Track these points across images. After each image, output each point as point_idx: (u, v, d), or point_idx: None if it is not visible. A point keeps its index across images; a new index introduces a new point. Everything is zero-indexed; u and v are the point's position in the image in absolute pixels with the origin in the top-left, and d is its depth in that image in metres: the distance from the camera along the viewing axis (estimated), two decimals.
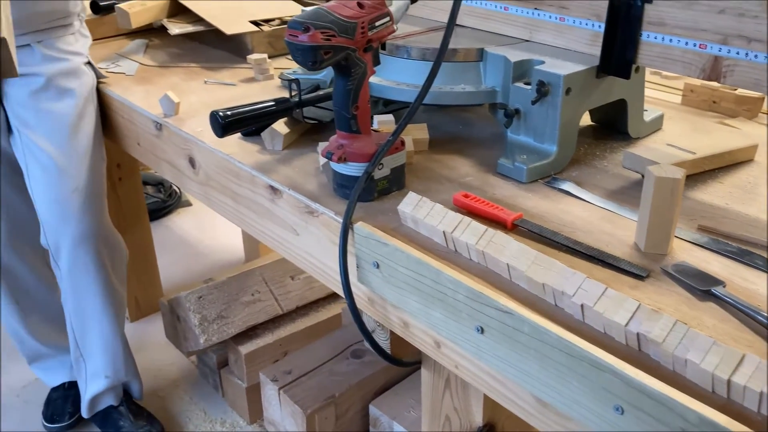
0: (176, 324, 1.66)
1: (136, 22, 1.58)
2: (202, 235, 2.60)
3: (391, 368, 1.41)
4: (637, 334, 0.61)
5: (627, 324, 0.62)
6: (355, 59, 0.84)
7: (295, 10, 1.67)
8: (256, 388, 1.58)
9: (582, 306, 0.66)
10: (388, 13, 0.86)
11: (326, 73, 1.20)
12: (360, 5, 0.83)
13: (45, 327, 1.62)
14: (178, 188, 2.80)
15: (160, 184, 2.72)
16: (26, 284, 1.54)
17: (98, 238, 1.44)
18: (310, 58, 0.80)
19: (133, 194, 1.91)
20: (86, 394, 1.58)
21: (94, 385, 1.57)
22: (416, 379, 1.40)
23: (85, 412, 1.60)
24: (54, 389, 1.73)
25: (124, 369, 1.58)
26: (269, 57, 1.47)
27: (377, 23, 0.84)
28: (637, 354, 0.63)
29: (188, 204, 2.80)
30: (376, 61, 0.89)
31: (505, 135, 1.03)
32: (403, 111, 1.20)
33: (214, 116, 1.00)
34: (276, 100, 1.06)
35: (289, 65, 1.53)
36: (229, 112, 1.01)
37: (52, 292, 1.58)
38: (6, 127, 1.38)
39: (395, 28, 0.88)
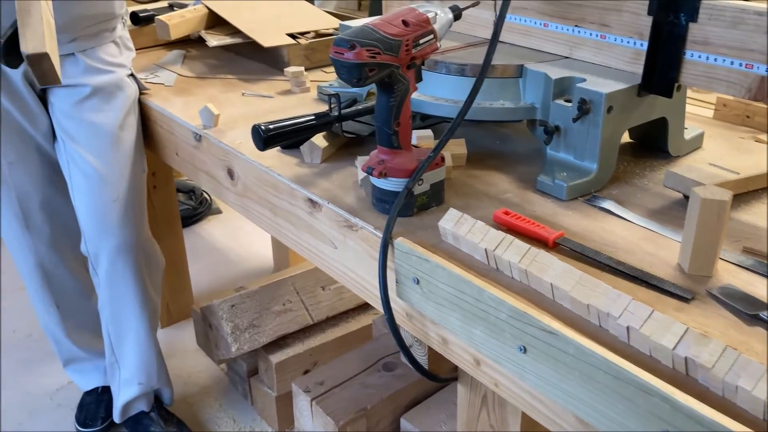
0: (208, 332, 1.68)
1: (175, 34, 1.61)
2: (232, 243, 2.63)
3: (422, 382, 1.41)
4: (685, 358, 0.61)
5: (675, 348, 0.61)
6: (398, 76, 0.85)
7: (331, 23, 1.68)
8: (285, 397, 1.59)
9: (628, 328, 0.65)
10: (432, 31, 0.86)
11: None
12: (405, 23, 0.83)
13: (82, 331, 1.65)
14: (209, 196, 2.83)
15: (191, 191, 2.76)
16: (66, 288, 1.57)
17: (137, 248, 1.46)
18: (355, 75, 0.81)
19: (167, 202, 1.94)
20: (119, 400, 1.60)
21: (127, 391, 1.59)
22: (447, 393, 1.40)
23: (117, 418, 1.63)
24: (87, 393, 1.76)
25: (156, 376, 1.60)
26: (305, 69, 1.49)
27: (421, 41, 0.85)
28: (684, 378, 0.62)
29: (218, 211, 2.83)
30: (419, 78, 0.89)
31: (543, 151, 1.03)
32: (440, 126, 1.20)
33: (256, 130, 1.02)
34: (316, 115, 1.07)
35: (324, 78, 1.55)
36: (270, 126, 1.02)
37: (90, 297, 1.61)
38: (52, 134, 1.42)
39: (438, 45, 0.88)
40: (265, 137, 1.01)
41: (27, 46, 0.98)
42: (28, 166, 1.41)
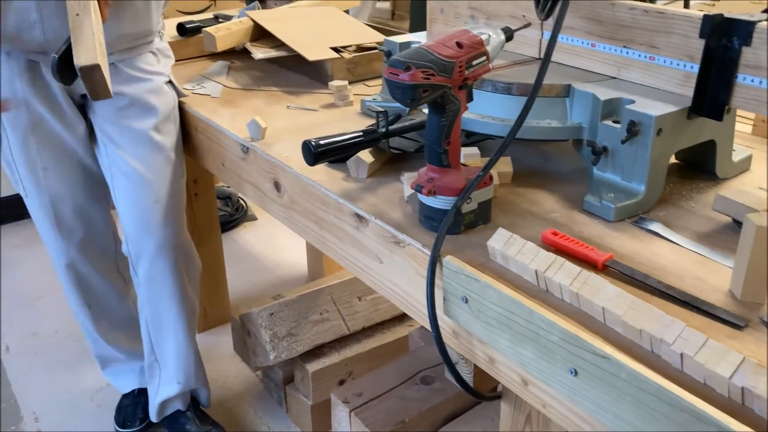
0: (246, 339, 1.71)
1: (222, 46, 1.64)
2: (267, 250, 2.66)
3: (460, 396, 1.42)
4: (742, 388, 0.61)
5: (731, 377, 0.62)
6: (450, 97, 0.86)
7: (375, 37, 1.70)
8: (320, 406, 1.61)
9: (681, 355, 0.66)
10: (485, 53, 0.87)
11: None
12: (459, 45, 0.85)
13: (115, 332, 1.69)
14: (245, 202, 2.87)
15: (228, 198, 2.80)
16: (97, 289, 1.61)
17: (177, 247, 1.51)
18: (408, 96, 0.83)
19: (207, 209, 1.98)
20: (157, 398, 1.63)
21: (166, 389, 1.62)
22: (485, 408, 1.40)
23: (154, 416, 1.66)
24: (125, 396, 1.80)
25: (194, 376, 1.63)
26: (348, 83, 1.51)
27: (474, 62, 0.86)
28: (740, 408, 0.62)
29: (254, 218, 2.87)
30: (470, 98, 0.91)
31: (590, 171, 1.03)
32: (485, 143, 1.21)
33: (306, 145, 1.04)
34: (364, 132, 1.09)
35: (366, 91, 1.57)
36: (321, 142, 1.04)
37: (124, 299, 1.65)
38: (88, 140, 1.46)
39: (491, 67, 0.89)
40: (316, 153, 1.03)
41: (80, 59, 1.02)
42: (63, 172, 1.45)
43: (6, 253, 2.65)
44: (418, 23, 5.37)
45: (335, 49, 1.62)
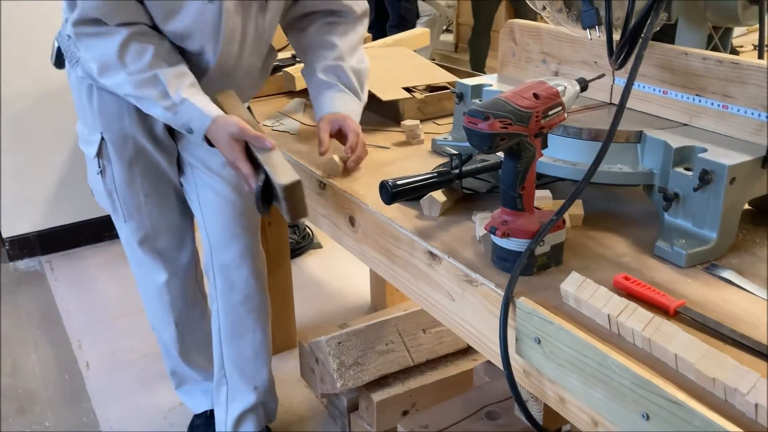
0: (314, 366, 1.76)
1: (300, 85, 1.73)
2: (331, 277, 2.73)
3: None
4: None
5: None
6: (526, 144, 0.91)
7: (444, 77, 1.76)
8: None
9: (756, 405, 0.67)
10: (561, 103, 0.91)
11: None
12: (536, 96, 0.89)
13: (194, 352, 1.78)
14: (311, 230, 2.96)
15: (295, 226, 2.89)
16: (186, 308, 1.71)
17: (257, 254, 1.65)
18: (486, 143, 0.87)
19: (279, 237, 2.06)
20: (231, 412, 1.70)
21: (243, 399, 1.70)
22: None
23: (230, 428, 1.72)
24: (197, 416, 1.88)
25: (269, 381, 1.71)
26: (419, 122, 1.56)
27: (550, 112, 0.90)
28: None
29: (319, 246, 2.95)
30: (544, 145, 0.94)
31: (660, 216, 1.05)
32: (555, 184, 1.24)
33: (384, 186, 1.10)
34: (439, 173, 1.14)
35: (436, 129, 1.62)
36: (398, 183, 1.09)
37: (204, 318, 1.74)
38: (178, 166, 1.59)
39: (566, 116, 0.93)
40: (393, 193, 1.09)
41: (282, 179, 1.18)
42: (161, 197, 1.58)
43: (86, 273, 2.81)
44: (477, 59, 5.44)
45: (407, 89, 1.68)
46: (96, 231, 3.00)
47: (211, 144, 1.32)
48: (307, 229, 2.94)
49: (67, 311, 2.54)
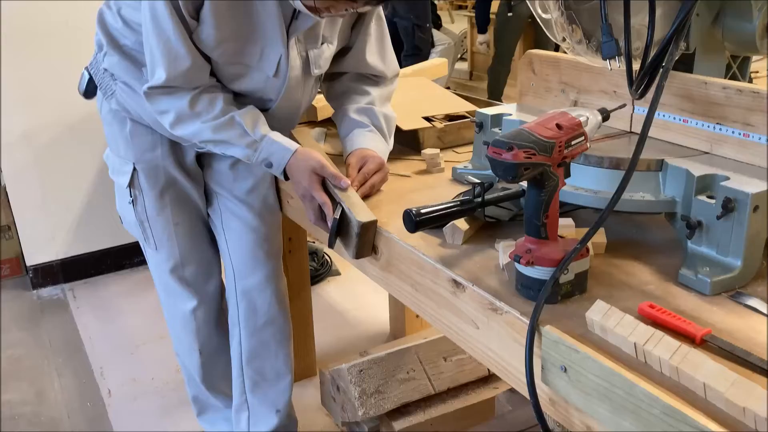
0: (334, 394, 1.76)
1: (322, 116, 1.77)
2: (350, 305, 2.73)
3: None
4: None
5: None
6: (549, 174, 0.92)
7: (463, 106, 1.78)
8: None
9: None
10: (583, 133, 0.93)
11: None
12: (558, 126, 0.91)
13: (218, 380, 1.79)
14: (330, 258, 2.97)
15: (314, 253, 2.91)
16: (212, 336, 1.73)
17: (280, 278, 1.68)
18: (510, 173, 0.89)
19: (299, 265, 2.08)
20: None
21: (263, 425, 1.71)
22: None
23: None
24: None
25: (290, 405, 1.72)
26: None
27: (573, 142, 0.92)
28: None
29: (337, 273, 2.96)
30: (567, 174, 0.96)
31: (683, 244, 1.05)
32: (578, 212, 1.25)
33: (408, 214, 1.11)
34: (461, 201, 1.15)
35: (455, 158, 1.64)
36: (422, 211, 1.11)
37: (228, 345, 1.74)
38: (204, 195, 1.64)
39: (588, 146, 0.94)
40: (416, 221, 1.10)
41: (361, 217, 1.23)
42: (190, 225, 1.62)
43: (108, 301, 2.84)
44: (495, 87, 5.48)
45: (426, 118, 1.71)
46: (118, 259, 3.04)
47: (286, 177, 1.39)
48: (326, 257, 2.96)
49: (89, 339, 2.56)
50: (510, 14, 5.00)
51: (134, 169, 1.53)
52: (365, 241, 1.26)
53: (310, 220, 1.38)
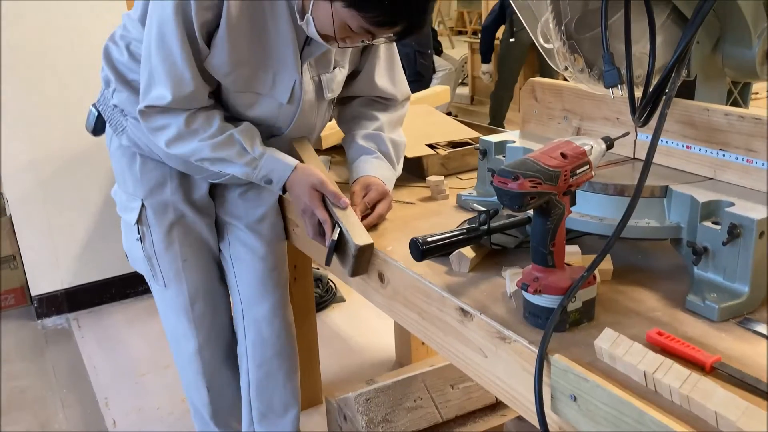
0: (341, 423, 1.75)
1: (326, 144, 1.78)
2: (355, 331, 2.73)
3: None
4: None
5: None
6: (555, 202, 0.92)
7: (465, 133, 1.80)
8: None
9: None
10: (588, 162, 0.94)
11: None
12: (563, 155, 0.91)
13: (226, 415, 1.77)
14: (334, 284, 2.97)
15: (318, 279, 2.91)
16: (218, 373, 1.71)
17: (287, 307, 1.68)
18: (516, 203, 0.89)
19: (304, 293, 2.08)
20: None
21: None
22: None
23: None
24: None
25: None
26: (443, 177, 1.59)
27: (578, 171, 0.93)
28: None
29: (342, 300, 2.95)
30: (573, 202, 0.96)
31: (690, 270, 1.05)
32: (583, 239, 1.25)
33: (414, 243, 1.11)
34: (468, 229, 1.15)
35: (460, 184, 1.65)
36: (428, 240, 1.11)
37: (236, 380, 1.74)
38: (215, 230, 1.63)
39: (593, 174, 0.95)
40: (423, 250, 1.10)
41: (359, 240, 1.24)
42: (199, 261, 1.60)
43: (113, 330, 2.83)
44: (497, 112, 5.51)
45: (430, 146, 1.72)
46: (122, 288, 3.04)
47: (283, 191, 1.39)
48: (330, 283, 2.96)
49: (94, 368, 2.56)
50: (512, 40, 5.06)
51: (142, 205, 1.52)
52: (362, 262, 1.27)
53: (308, 234, 1.37)
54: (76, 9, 2.73)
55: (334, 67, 1.49)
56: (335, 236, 1.29)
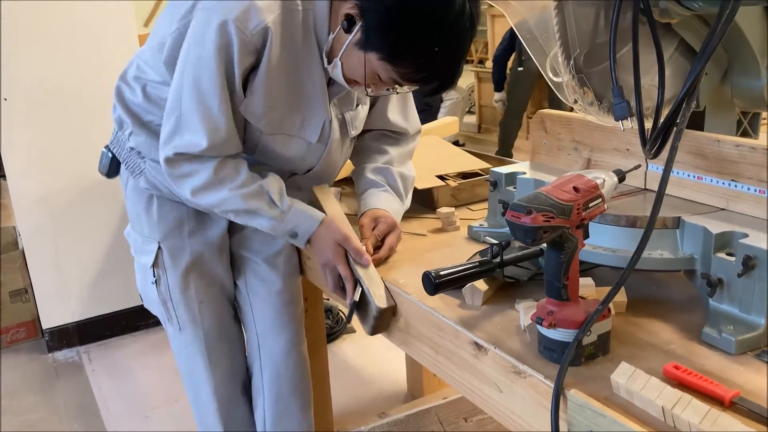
0: None
1: (337, 177, 1.78)
2: (366, 363, 2.71)
3: None
4: None
5: None
6: (568, 236, 0.92)
7: (475, 164, 1.81)
8: None
9: None
10: (601, 195, 0.94)
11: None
12: (576, 189, 0.92)
13: None
14: (344, 315, 2.96)
15: (328, 310, 2.90)
16: (235, 414, 1.68)
17: (303, 342, 1.66)
18: (530, 237, 0.89)
19: (316, 325, 2.07)
20: None
21: None
22: None
23: None
24: None
25: None
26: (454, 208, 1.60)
27: (591, 204, 0.93)
28: None
29: (352, 330, 2.94)
30: (586, 235, 0.96)
31: (705, 302, 1.05)
32: (594, 271, 1.25)
33: (427, 276, 1.12)
34: (481, 263, 1.15)
35: (470, 215, 1.65)
36: (441, 273, 1.11)
37: (252, 419, 1.72)
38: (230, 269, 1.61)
39: (606, 207, 0.95)
40: (436, 284, 1.10)
41: (380, 303, 1.25)
42: (215, 303, 1.58)
43: (123, 363, 2.83)
44: (505, 140, 5.53)
45: (440, 177, 1.73)
46: (132, 320, 3.05)
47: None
48: (341, 314, 2.95)
49: (104, 402, 2.55)
50: (521, 69, 5.10)
51: (159, 248, 1.50)
52: (382, 322, 1.28)
53: (329, 288, 1.38)
54: (83, 46, 2.77)
55: (357, 105, 1.51)
56: (357, 296, 1.29)
